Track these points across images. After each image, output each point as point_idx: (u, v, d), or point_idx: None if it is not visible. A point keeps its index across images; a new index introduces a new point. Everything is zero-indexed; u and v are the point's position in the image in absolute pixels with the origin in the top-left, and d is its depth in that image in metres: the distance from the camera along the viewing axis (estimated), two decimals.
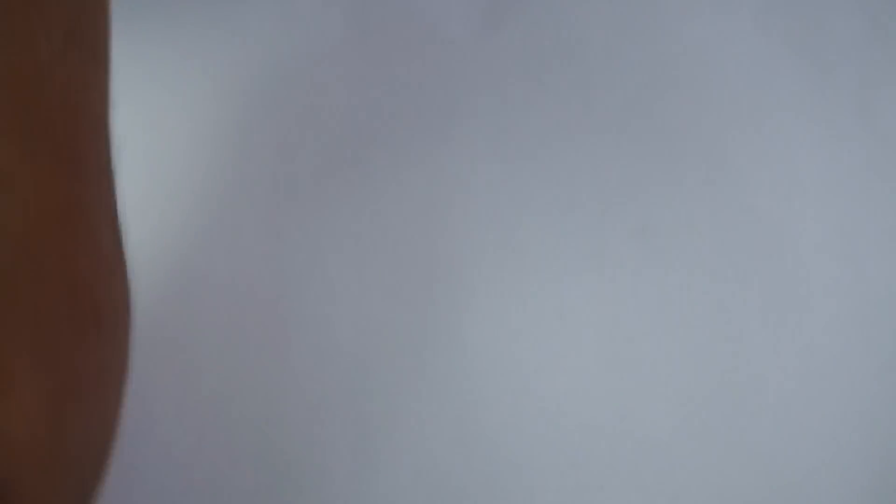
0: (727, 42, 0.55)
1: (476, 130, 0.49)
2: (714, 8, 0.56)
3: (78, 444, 0.20)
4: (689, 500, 0.40)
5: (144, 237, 0.42)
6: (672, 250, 0.47)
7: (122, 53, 0.38)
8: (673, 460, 0.41)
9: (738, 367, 0.44)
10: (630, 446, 0.41)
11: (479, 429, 0.41)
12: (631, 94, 0.52)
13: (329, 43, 0.51)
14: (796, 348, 0.45)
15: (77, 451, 0.20)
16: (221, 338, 0.42)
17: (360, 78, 0.50)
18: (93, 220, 0.22)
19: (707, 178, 0.50)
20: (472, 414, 0.41)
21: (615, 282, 0.45)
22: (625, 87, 0.52)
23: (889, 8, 0.57)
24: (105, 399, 0.21)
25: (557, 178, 0.49)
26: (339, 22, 0.51)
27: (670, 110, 0.52)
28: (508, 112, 0.50)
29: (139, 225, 0.39)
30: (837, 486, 0.42)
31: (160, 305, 0.42)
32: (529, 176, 0.48)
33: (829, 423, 0.43)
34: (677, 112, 0.52)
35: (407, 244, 0.45)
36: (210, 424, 0.40)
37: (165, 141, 0.46)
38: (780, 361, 0.45)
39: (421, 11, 0.52)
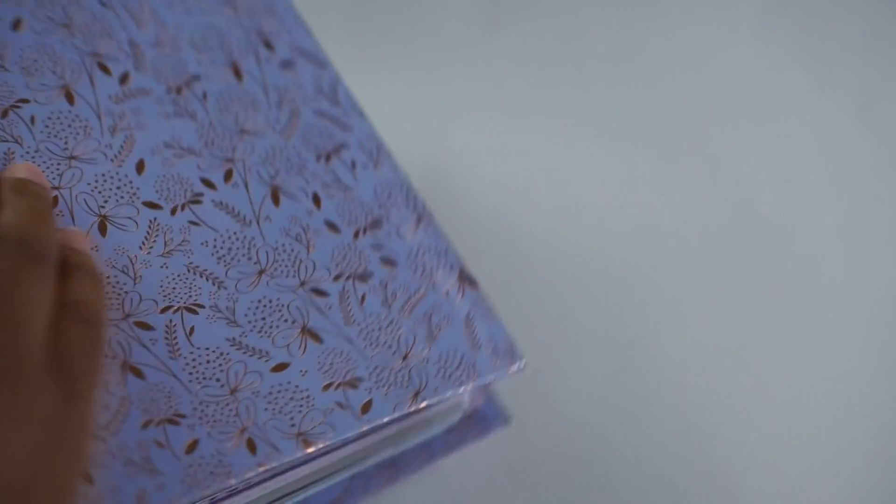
0: (729, 45, 0.54)
1: (476, 130, 0.49)
2: (716, 12, 0.55)
3: None
4: (692, 499, 0.41)
5: None
6: (672, 251, 0.47)
7: None
8: (681, 456, 0.42)
9: (740, 367, 0.45)
10: (635, 445, 0.42)
11: None
12: (632, 97, 0.52)
13: (330, 43, 0.50)
14: (798, 347, 0.46)
15: None
16: None
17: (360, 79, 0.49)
18: None
19: (708, 179, 0.50)
20: None
21: (616, 282, 0.46)
22: (626, 90, 0.52)
23: (889, 13, 0.56)
24: None
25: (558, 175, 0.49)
26: (342, 22, 0.50)
27: (672, 112, 0.52)
28: (508, 111, 0.50)
29: None
30: (838, 486, 0.43)
31: None
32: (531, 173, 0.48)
33: (830, 423, 0.44)
34: (678, 114, 0.52)
35: None
36: None
37: None
38: (782, 361, 0.46)
39: (424, 12, 0.51)
